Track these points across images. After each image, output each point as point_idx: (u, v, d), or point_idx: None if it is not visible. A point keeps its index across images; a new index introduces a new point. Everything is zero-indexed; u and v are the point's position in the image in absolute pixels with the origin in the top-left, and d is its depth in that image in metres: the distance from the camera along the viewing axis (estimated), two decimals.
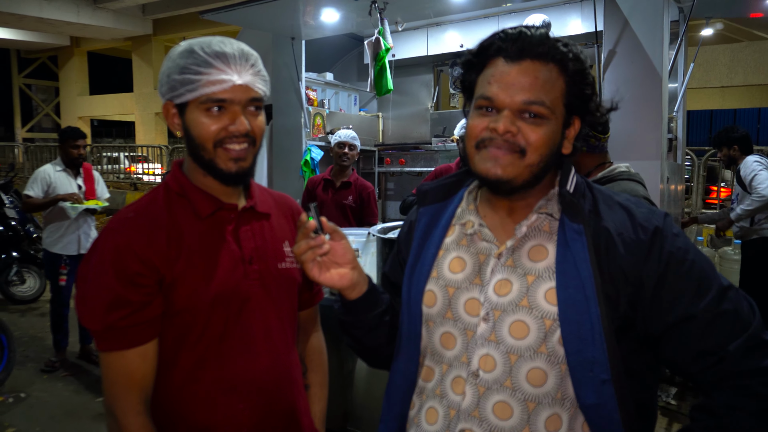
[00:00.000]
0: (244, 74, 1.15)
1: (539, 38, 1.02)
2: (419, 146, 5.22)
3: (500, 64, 1.03)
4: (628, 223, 1.02)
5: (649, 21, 3.24)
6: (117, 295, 1.11)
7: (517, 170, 1.02)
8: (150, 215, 1.19)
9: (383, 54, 3.74)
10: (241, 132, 1.15)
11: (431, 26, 5.05)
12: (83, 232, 4.42)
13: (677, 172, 4.22)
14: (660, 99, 3.26)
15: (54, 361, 4.44)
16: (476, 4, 4.13)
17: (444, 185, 1.22)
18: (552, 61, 1.02)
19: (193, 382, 1.19)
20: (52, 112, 23.50)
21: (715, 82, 13.62)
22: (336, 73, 5.43)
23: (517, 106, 1.00)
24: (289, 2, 3.76)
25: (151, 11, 16.28)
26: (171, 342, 1.19)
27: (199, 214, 1.21)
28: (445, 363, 1.10)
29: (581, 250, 1.00)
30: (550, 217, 1.07)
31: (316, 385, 1.46)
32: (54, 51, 20.73)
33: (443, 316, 1.11)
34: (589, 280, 0.98)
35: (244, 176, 1.21)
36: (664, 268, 0.99)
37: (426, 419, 1.10)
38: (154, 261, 1.14)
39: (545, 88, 1.01)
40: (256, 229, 1.28)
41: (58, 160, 4.47)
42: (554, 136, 1.03)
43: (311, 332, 1.50)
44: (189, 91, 1.14)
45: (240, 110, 1.15)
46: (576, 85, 1.04)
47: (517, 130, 1.00)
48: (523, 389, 1.02)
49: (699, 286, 0.98)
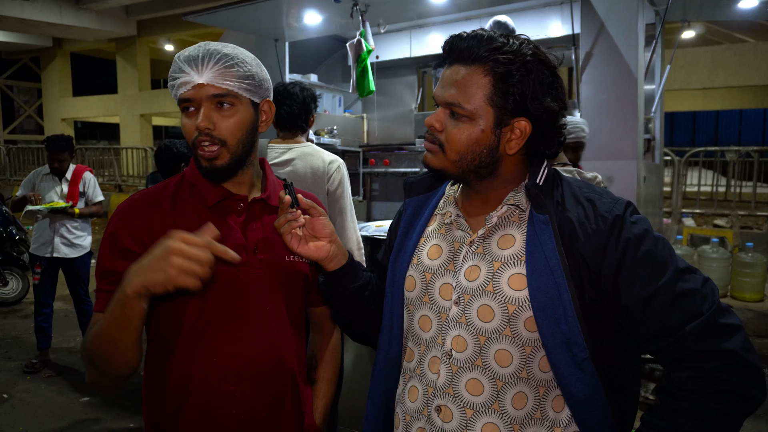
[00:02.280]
0: (206, 72, 1.20)
1: (468, 41, 1.09)
2: (403, 147, 5.26)
3: (445, 67, 1.14)
4: (591, 213, 1.07)
5: (625, 23, 3.32)
6: (106, 266, 1.23)
7: (442, 163, 1.13)
8: (152, 198, 1.30)
9: (365, 56, 3.78)
10: (201, 127, 1.20)
11: (414, 28, 5.10)
12: (58, 235, 4.41)
13: (655, 172, 4.30)
14: (635, 100, 3.33)
15: (35, 363, 4.43)
16: (458, 7, 4.18)
17: (429, 178, 1.31)
18: (477, 62, 1.07)
19: (191, 362, 1.24)
20: (35, 113, 23.25)
21: (696, 83, 13.83)
22: (320, 74, 5.45)
23: (443, 104, 1.11)
24: (271, 4, 3.79)
25: (135, 12, 16.17)
26: (167, 324, 1.25)
27: (206, 202, 1.28)
28: (423, 344, 1.18)
29: (548, 239, 1.06)
30: (518, 209, 1.13)
31: (323, 380, 1.49)
32: (36, 52, 20.50)
33: (421, 300, 1.19)
34: (558, 267, 1.04)
35: (219, 174, 1.26)
36: (621, 254, 1.04)
37: (409, 397, 1.19)
38: (143, 238, 1.22)
39: (466, 89, 1.08)
40: (267, 222, 1.33)
41: (46, 165, 4.54)
42: (479, 137, 1.09)
43: (327, 329, 1.53)
44: (174, 96, 1.25)
45: (206, 108, 1.21)
46: (506, 86, 1.06)
47: (441, 126, 1.11)
48: (492, 368, 1.08)
49: (654, 268, 1.03)
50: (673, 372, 1.02)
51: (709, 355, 0.98)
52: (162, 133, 25.79)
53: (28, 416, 3.69)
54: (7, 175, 14.69)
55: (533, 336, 1.06)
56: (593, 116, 3.40)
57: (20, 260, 6.08)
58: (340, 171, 2.55)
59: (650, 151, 4.39)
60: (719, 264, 6.18)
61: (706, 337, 0.99)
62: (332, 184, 2.54)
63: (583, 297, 1.04)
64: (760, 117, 21.79)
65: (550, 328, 1.03)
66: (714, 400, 0.98)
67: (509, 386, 1.08)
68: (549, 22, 4.44)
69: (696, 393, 0.98)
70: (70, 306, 5.19)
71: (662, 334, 1.02)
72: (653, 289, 1.02)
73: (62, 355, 4.74)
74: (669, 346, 1.01)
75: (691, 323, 0.99)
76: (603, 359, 1.05)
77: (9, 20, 14.89)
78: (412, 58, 5.25)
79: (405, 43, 5.19)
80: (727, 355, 0.97)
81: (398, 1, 3.91)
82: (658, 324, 1.02)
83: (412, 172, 5.10)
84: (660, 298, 1.01)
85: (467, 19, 4.77)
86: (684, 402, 0.99)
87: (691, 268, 1.05)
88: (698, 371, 0.99)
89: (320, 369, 1.49)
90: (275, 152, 2.60)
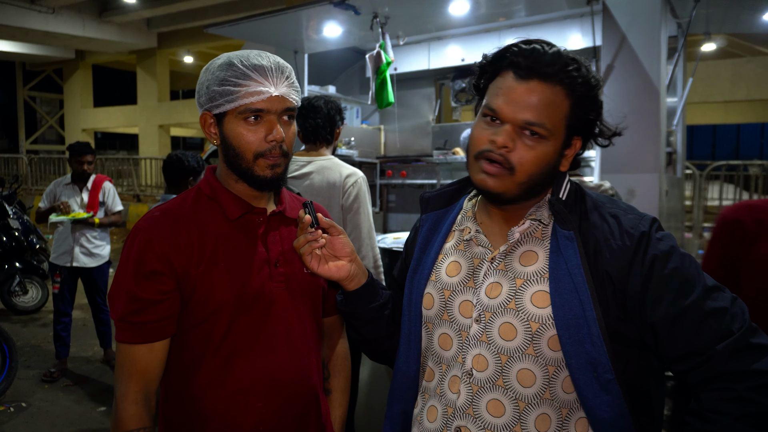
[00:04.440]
0: (280, 86, 1.21)
1: (551, 58, 1.04)
2: (421, 159, 5.25)
3: (509, 79, 1.06)
4: (616, 230, 1.05)
5: (647, 36, 3.28)
6: (130, 291, 1.19)
7: (506, 186, 1.06)
8: (174, 215, 1.25)
9: (384, 67, 3.78)
10: (278, 140, 1.21)
11: (433, 40, 5.11)
12: (78, 245, 4.45)
13: (677, 186, 4.24)
14: (658, 113, 3.29)
15: (52, 372, 4.45)
16: (477, 19, 4.18)
17: (446, 193, 1.28)
18: (559, 84, 1.04)
19: (217, 378, 1.23)
20: (56, 124, 23.63)
21: (717, 96, 13.66)
22: (338, 86, 5.47)
23: (518, 123, 1.04)
24: (292, 16, 3.81)
25: (156, 25, 16.44)
26: (198, 339, 1.23)
27: (228, 216, 1.26)
28: (444, 363, 1.15)
29: (573, 256, 1.04)
30: (540, 224, 1.11)
31: (338, 390, 1.49)
32: (59, 64, 20.89)
33: (440, 318, 1.16)
34: (583, 285, 1.02)
35: (278, 181, 1.27)
36: (648, 270, 1.02)
37: (427, 417, 1.16)
38: (172, 260, 1.19)
39: (548, 109, 1.03)
40: (284, 234, 1.33)
41: (68, 175, 4.61)
42: (549, 157, 1.07)
43: (336, 338, 1.53)
44: (228, 102, 1.20)
45: (275, 119, 1.21)
46: (581, 109, 1.06)
47: (514, 146, 1.04)
48: (514, 388, 1.05)
49: (682, 285, 1.00)
50: (702, 393, 0.99)
51: (741, 375, 0.95)
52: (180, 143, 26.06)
53: (45, 425, 3.70)
54: (29, 184, 14.91)
55: (557, 355, 1.03)
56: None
57: (40, 269, 6.14)
58: (356, 185, 2.50)
59: (672, 165, 4.33)
60: None
61: (737, 358, 0.96)
62: (347, 198, 2.49)
63: (608, 315, 1.01)
64: None
65: (574, 348, 1.01)
66: (746, 423, 0.94)
67: (532, 407, 1.04)
68: (569, 34, 4.42)
69: (727, 415, 0.95)
70: (88, 315, 5.22)
71: (691, 353, 0.99)
72: (681, 308, 0.99)
73: (80, 364, 4.76)
74: (698, 366, 0.98)
75: (722, 343, 0.96)
76: (628, 380, 1.01)
77: (34, 33, 15.21)
78: (431, 70, 5.25)
79: (423, 55, 5.20)
80: (760, 376, 0.94)
81: (418, 14, 3.91)
82: (687, 343, 0.99)
83: (429, 183, 5.08)
84: (688, 316, 0.99)
85: (486, 31, 4.77)
86: (714, 425, 0.96)
87: (719, 286, 1.02)
88: (730, 392, 0.96)
89: (333, 379, 1.49)
90: (295, 165, 2.60)
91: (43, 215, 4.45)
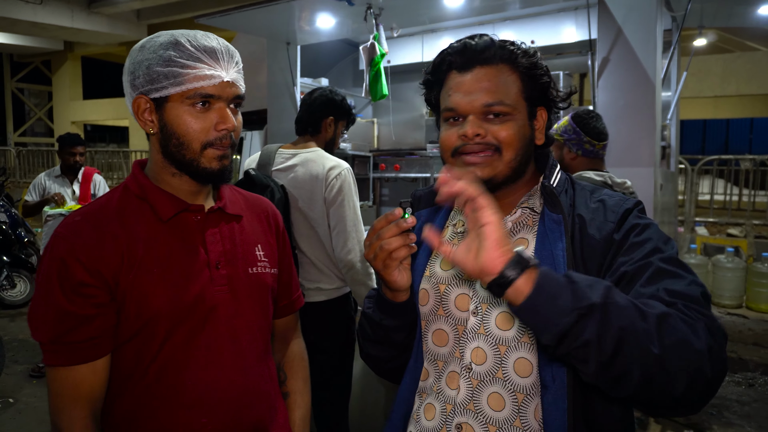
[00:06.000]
0: (231, 71, 1.14)
1: (484, 44, 1.09)
2: (414, 152, 5.22)
3: (454, 76, 1.10)
4: (601, 209, 1.07)
5: (643, 29, 3.26)
6: (61, 308, 1.06)
7: (497, 168, 1.08)
8: (98, 219, 1.12)
9: (378, 59, 3.74)
10: (230, 128, 1.13)
11: (427, 33, 5.06)
12: None
13: (670, 180, 4.24)
14: (653, 106, 3.27)
15: (41, 366, 4.40)
16: (471, 12, 4.14)
17: (436, 189, 1.24)
18: (501, 62, 1.08)
19: (152, 397, 1.12)
20: (45, 116, 23.40)
21: (708, 91, 13.74)
22: (331, 78, 5.42)
23: (479, 109, 1.07)
24: (284, 7, 3.76)
25: (146, 16, 16.26)
26: (129, 355, 1.12)
27: (161, 216, 1.15)
28: (439, 360, 1.14)
29: (559, 238, 1.05)
30: (532, 212, 1.12)
31: (295, 392, 1.42)
32: (47, 55, 20.64)
33: (435, 313, 1.15)
34: (562, 266, 1.02)
35: (225, 174, 1.18)
36: (623, 235, 1.03)
37: (425, 415, 1.14)
38: (101, 270, 1.07)
39: (501, 88, 1.07)
40: (225, 232, 1.22)
41: (57, 167, 4.54)
42: (523, 130, 1.09)
43: (291, 339, 1.45)
44: (174, 85, 1.09)
45: (225, 106, 1.14)
46: (531, 78, 1.10)
47: (485, 132, 1.06)
48: (512, 380, 1.05)
49: (652, 251, 1.00)
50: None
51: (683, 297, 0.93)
52: None
53: (34, 421, 3.65)
54: (17, 177, 14.75)
55: None
56: (610, 122, 3.33)
57: (28, 263, 6.07)
58: (340, 177, 2.45)
59: (665, 159, 4.32)
60: (734, 274, 6.08)
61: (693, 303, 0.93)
62: (330, 191, 2.44)
63: None
64: None
65: None
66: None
67: (531, 399, 1.04)
68: (563, 27, 4.39)
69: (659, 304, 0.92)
70: None
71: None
72: (640, 265, 0.98)
73: None
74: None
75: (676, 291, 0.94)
76: None
77: (22, 24, 14.99)
78: (425, 63, 5.21)
79: (417, 48, 5.16)
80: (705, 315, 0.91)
81: (412, 5, 3.87)
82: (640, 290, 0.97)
83: (422, 177, 5.05)
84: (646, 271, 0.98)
85: (480, 24, 4.73)
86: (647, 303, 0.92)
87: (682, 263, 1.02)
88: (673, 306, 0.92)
89: (290, 381, 1.42)
90: (281, 158, 2.57)
91: (34, 208, 4.37)
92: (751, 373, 4.56)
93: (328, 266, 2.53)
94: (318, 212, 2.47)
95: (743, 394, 4.19)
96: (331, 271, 2.54)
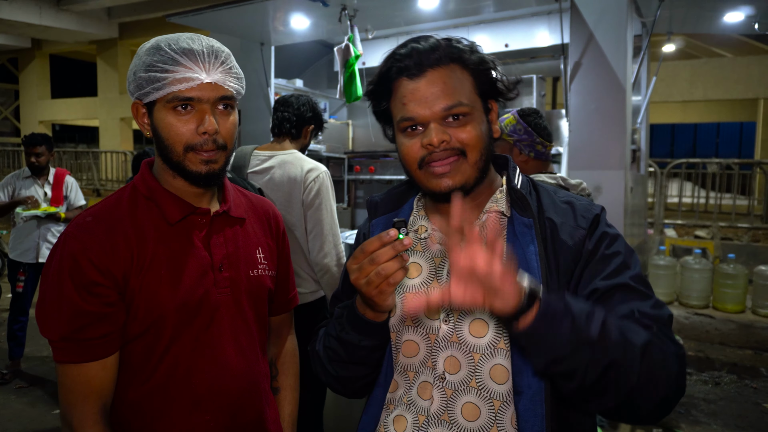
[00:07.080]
0: (213, 72, 1.12)
1: (431, 46, 1.05)
2: (389, 154, 5.21)
3: (406, 83, 1.05)
4: (570, 213, 1.07)
5: (614, 34, 3.31)
6: (74, 305, 1.07)
7: (466, 174, 1.05)
8: (110, 220, 1.14)
9: (353, 61, 3.73)
10: (210, 132, 1.11)
11: (402, 35, 5.06)
12: (44, 240, 4.29)
13: (640, 183, 4.31)
14: (624, 110, 3.32)
15: (5, 373, 4.28)
16: (446, 14, 4.16)
17: (393, 195, 1.24)
18: (452, 62, 1.05)
19: (160, 395, 1.14)
20: (11, 116, 22.81)
21: (676, 96, 14.04)
22: (306, 79, 5.39)
23: (439, 115, 1.03)
24: (258, 7, 3.72)
25: (117, 14, 15.95)
26: (137, 354, 1.14)
27: (168, 219, 1.16)
28: (410, 371, 1.11)
29: (530, 242, 1.04)
30: (501, 215, 1.10)
31: (286, 388, 1.44)
32: (14, 53, 20.12)
33: (404, 324, 1.11)
34: (536, 271, 1.01)
35: (214, 178, 1.17)
36: (594, 244, 1.04)
37: (395, 427, 1.10)
38: (112, 270, 1.09)
39: (456, 88, 1.04)
40: (229, 236, 1.24)
41: (25, 168, 4.44)
42: (483, 128, 1.07)
43: (285, 336, 1.48)
44: (156, 90, 1.10)
45: (209, 109, 1.12)
46: (482, 74, 1.08)
47: (449, 137, 1.03)
48: (488, 388, 1.03)
49: (619, 267, 1.03)
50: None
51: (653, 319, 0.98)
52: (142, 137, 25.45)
53: None
54: None
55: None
56: (582, 126, 3.39)
57: None
58: (318, 180, 2.44)
59: (636, 162, 4.40)
60: (701, 275, 6.22)
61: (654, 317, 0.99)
62: (308, 194, 2.42)
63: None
64: (737, 130, 22.18)
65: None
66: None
67: (508, 405, 1.02)
68: (536, 31, 4.44)
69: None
70: None
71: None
72: (611, 285, 1.01)
73: (34, 364, 4.59)
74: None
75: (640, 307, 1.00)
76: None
77: None
78: None
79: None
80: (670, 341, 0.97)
81: (387, 7, 3.87)
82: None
83: (397, 179, 5.05)
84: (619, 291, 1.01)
85: (454, 26, 4.75)
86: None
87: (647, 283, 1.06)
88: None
89: (282, 377, 1.44)
90: (257, 160, 2.53)
91: (2, 209, 4.25)
92: (717, 372, 4.67)
93: (305, 270, 2.50)
94: (296, 215, 2.44)
95: (710, 392, 4.28)
96: (308, 275, 2.51)
